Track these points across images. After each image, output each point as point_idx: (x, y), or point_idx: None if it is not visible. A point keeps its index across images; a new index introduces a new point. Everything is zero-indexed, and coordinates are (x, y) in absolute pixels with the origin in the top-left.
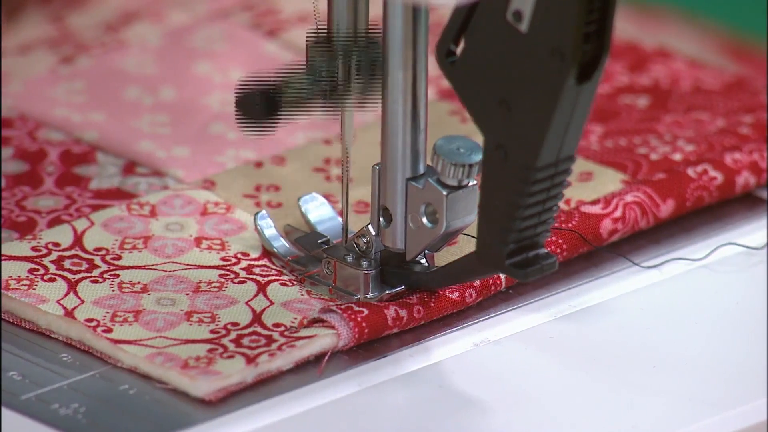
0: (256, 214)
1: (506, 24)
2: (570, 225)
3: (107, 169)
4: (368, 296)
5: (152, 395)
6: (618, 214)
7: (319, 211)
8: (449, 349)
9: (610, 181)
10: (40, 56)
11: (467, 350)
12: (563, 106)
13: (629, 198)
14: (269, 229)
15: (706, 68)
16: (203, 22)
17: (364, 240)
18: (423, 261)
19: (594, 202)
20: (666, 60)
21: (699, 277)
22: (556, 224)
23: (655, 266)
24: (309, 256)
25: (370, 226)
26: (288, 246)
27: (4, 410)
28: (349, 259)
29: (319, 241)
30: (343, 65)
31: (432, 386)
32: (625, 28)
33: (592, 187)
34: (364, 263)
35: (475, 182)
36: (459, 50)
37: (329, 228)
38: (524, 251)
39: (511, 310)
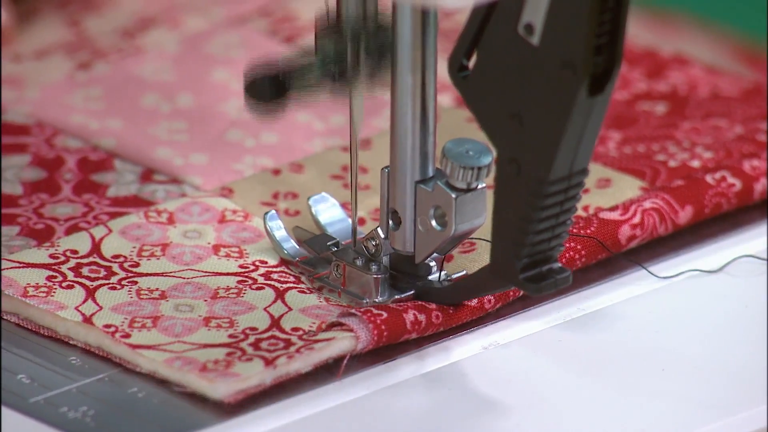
0: (266, 214)
1: (518, 37)
2: (588, 231)
3: (125, 177)
4: (377, 300)
5: (161, 398)
6: (636, 220)
7: (329, 213)
8: (458, 352)
9: (628, 187)
10: (57, 61)
11: (476, 353)
12: (575, 119)
13: (648, 204)
14: (279, 230)
15: (724, 75)
16: (220, 29)
17: (373, 243)
18: (432, 264)
19: (612, 209)
20: (683, 67)
21: (708, 281)
22: (575, 230)
23: (670, 276)
24: (318, 257)
25: (379, 229)
26: (297, 247)
27: (12, 413)
28: (359, 262)
29: (328, 243)
30: (351, 49)
31: (441, 389)
32: (641, 34)
33: (610, 194)
34: (374, 267)
35: (484, 185)
36: (471, 64)
37: (339, 229)
38: (538, 265)
39: (519, 313)
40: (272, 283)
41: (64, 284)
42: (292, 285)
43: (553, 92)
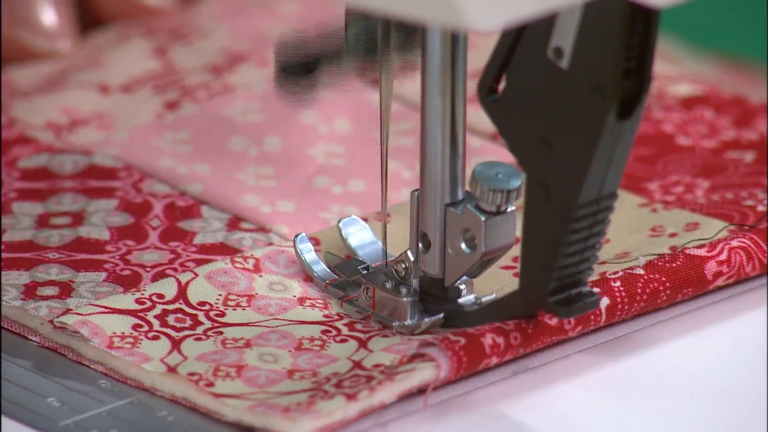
0: (296, 236)
1: (547, 61)
2: (674, 266)
3: (212, 224)
4: (406, 323)
5: (190, 422)
6: (723, 257)
7: (359, 235)
8: (488, 376)
9: (716, 230)
10: (145, 97)
11: (506, 377)
12: (604, 144)
13: (735, 243)
14: (309, 252)
15: None
16: None
17: (403, 266)
18: (462, 287)
19: (699, 246)
20: None
21: (739, 304)
22: (660, 264)
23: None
24: (348, 281)
25: (408, 252)
26: (328, 270)
27: None
28: (388, 285)
29: (358, 267)
30: (381, 31)
31: (472, 414)
32: (728, 82)
33: (698, 236)
34: (403, 290)
35: (513, 208)
36: (500, 88)
37: (369, 252)
38: (567, 289)
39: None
40: (356, 334)
41: (149, 335)
42: (375, 333)
43: (582, 116)
